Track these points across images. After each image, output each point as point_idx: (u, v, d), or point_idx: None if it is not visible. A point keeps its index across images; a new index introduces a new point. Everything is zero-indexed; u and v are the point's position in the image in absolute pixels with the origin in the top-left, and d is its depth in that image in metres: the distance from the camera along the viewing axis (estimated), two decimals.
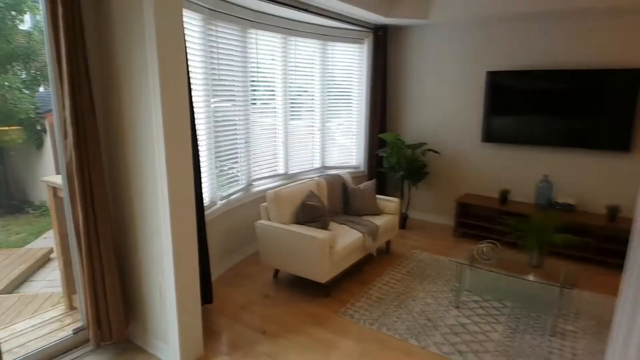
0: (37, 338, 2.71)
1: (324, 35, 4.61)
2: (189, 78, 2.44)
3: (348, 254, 3.39)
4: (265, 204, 3.46)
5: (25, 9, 6.85)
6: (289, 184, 3.69)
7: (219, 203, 3.63)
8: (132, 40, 2.20)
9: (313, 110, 4.81)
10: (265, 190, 3.81)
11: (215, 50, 3.44)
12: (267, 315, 3.06)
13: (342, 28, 4.68)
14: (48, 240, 5.79)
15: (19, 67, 7.12)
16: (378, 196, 4.16)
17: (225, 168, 3.80)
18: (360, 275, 3.69)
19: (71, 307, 3.01)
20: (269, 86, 4.25)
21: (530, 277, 2.89)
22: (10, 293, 4.12)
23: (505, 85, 4.47)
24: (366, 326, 2.91)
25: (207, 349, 2.63)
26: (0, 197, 7.33)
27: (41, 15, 2.27)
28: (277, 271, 3.64)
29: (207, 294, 2.95)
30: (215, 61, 3.47)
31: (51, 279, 4.57)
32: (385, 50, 5.06)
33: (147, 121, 2.25)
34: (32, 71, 7.30)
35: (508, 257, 3.16)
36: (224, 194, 3.73)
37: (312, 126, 4.85)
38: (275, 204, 3.36)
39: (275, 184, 4.35)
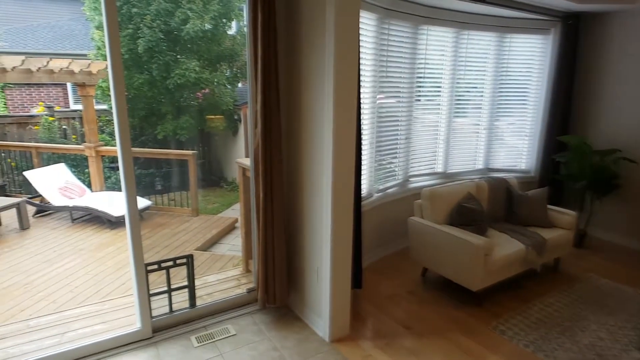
0: (220, 290, 3.32)
1: (502, 26, 4.28)
2: (359, 76, 2.61)
3: (506, 265, 3.15)
4: (419, 201, 3.46)
5: (233, 17, 8.19)
6: (446, 183, 3.60)
7: (375, 196, 3.77)
8: (314, 45, 2.47)
9: (480, 108, 4.54)
10: (421, 187, 3.79)
11: (385, 47, 3.56)
12: (412, 311, 3.09)
13: (524, 18, 4.26)
14: (235, 212, 6.92)
15: (225, 66, 8.60)
16: (549, 206, 3.71)
17: (384, 162, 3.92)
18: (518, 291, 3.39)
19: (247, 270, 3.58)
20: (435, 82, 4.19)
21: None
22: (204, 250, 5.10)
23: None
24: (520, 346, 2.68)
25: (353, 330, 2.81)
26: (204, 173, 9.04)
27: (244, 22, 2.72)
28: (425, 269, 3.61)
29: (357, 279, 3.13)
30: (385, 58, 3.58)
31: (234, 244, 5.47)
32: (575, 41, 4.41)
33: (319, 116, 2.50)
34: (234, 69, 8.73)
35: None
36: (381, 187, 3.86)
37: (478, 124, 4.59)
38: (430, 202, 3.33)
39: (432, 182, 4.29)
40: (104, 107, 8.86)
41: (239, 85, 8.94)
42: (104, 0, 2.19)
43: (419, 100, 4.11)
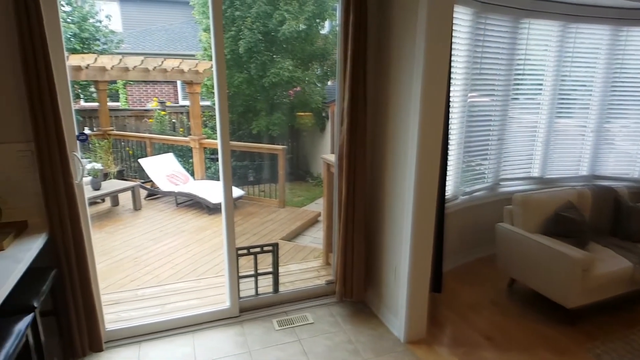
0: (301, 280, 3.48)
1: (618, 18, 3.81)
2: (449, 74, 2.54)
3: (608, 284, 2.84)
4: (510, 206, 3.26)
5: (326, 17, 8.41)
6: (542, 190, 3.34)
7: (461, 198, 3.64)
8: (403, 43, 2.47)
9: (588, 108, 4.10)
10: (512, 192, 3.56)
11: (480, 43, 3.40)
12: (494, 322, 2.94)
13: None
14: (318, 206, 7.14)
15: (316, 65, 8.88)
16: None
17: (473, 164, 3.75)
18: (621, 313, 3.04)
19: (327, 263, 3.70)
20: (536, 80, 3.89)
21: None
22: (289, 240, 5.36)
23: None
24: None
25: (429, 334, 2.77)
26: (292, 167, 9.44)
27: (337, 22, 2.81)
28: (512, 280, 3.40)
29: (437, 283, 3.06)
30: (479, 55, 3.43)
31: (316, 236, 5.66)
32: None
33: (405, 115, 2.50)
34: (324, 68, 8.97)
35: None
36: (468, 189, 3.71)
37: (584, 126, 4.16)
38: (522, 208, 3.13)
39: (526, 187, 4.00)
40: (208, 103, 9.68)
41: (329, 83, 9.16)
42: (211, 5, 2.43)
43: (517, 99, 3.85)
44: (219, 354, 2.55)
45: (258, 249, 3.10)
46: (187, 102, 9.45)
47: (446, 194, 3.08)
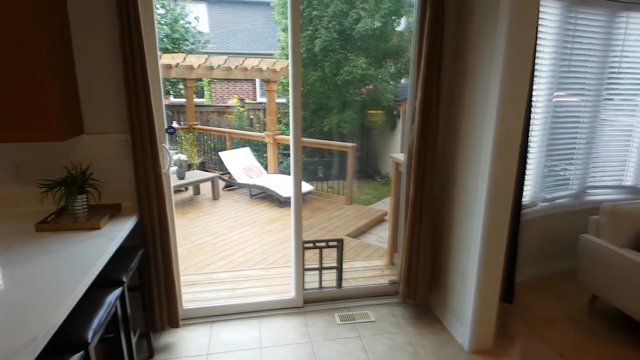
0: (364, 277, 3.50)
1: None
2: (532, 72, 2.39)
3: None
4: (597, 217, 2.99)
5: (403, 13, 8.28)
6: (635, 200, 3.01)
7: (540, 205, 3.40)
8: (482, 41, 2.37)
9: None
10: (600, 201, 3.25)
11: (570, 39, 3.14)
12: (572, 340, 2.72)
13: None
14: (385, 205, 7.08)
15: (389, 63, 8.79)
16: None
17: (557, 169, 3.49)
18: None
19: (391, 262, 3.68)
20: (634, 79, 3.50)
21: None
22: (354, 238, 5.39)
23: None
24: None
25: (497, 346, 2.64)
26: (361, 165, 9.46)
27: (413, 18, 2.77)
28: (595, 297, 3.11)
29: (508, 293, 2.91)
30: (568, 52, 3.17)
31: (381, 235, 5.63)
32: None
33: (481, 115, 2.40)
34: (398, 66, 8.85)
35: None
36: (548, 196, 3.46)
37: None
38: (611, 219, 2.85)
39: (617, 196, 3.62)
40: (283, 100, 10.03)
41: (402, 81, 9.02)
42: (290, 5, 2.53)
43: (610, 99, 3.50)
44: (283, 341, 2.67)
45: (324, 244, 3.17)
46: (264, 99, 9.88)
47: (523, 199, 2.90)
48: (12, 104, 1.96)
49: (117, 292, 1.93)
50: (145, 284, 2.49)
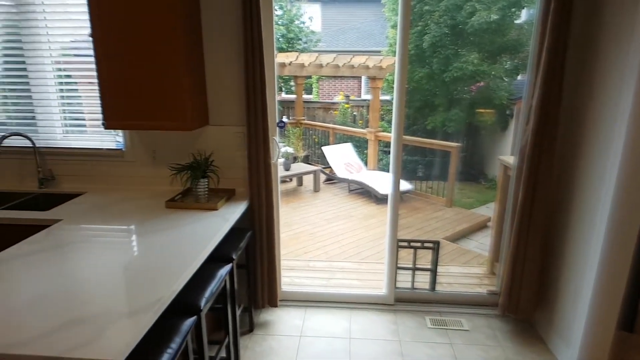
0: (460, 284, 3.37)
1: None
2: None
3: None
4: None
5: (524, 5, 7.63)
6: None
7: None
8: (617, 37, 2.11)
9: None
10: None
11: None
12: None
13: None
14: (489, 210, 6.66)
15: (505, 58, 8.18)
16: None
17: None
18: None
19: (491, 272, 3.48)
20: None
21: None
22: (452, 242, 5.18)
23: None
24: None
25: None
26: (464, 166, 8.99)
27: (535, 10, 2.56)
28: None
29: (628, 321, 2.55)
30: None
31: (483, 242, 5.32)
32: None
33: (611, 118, 2.14)
34: (515, 61, 8.19)
35: None
36: None
37: None
38: None
39: None
40: (387, 97, 9.98)
41: (518, 78, 8.32)
42: (401, 1, 2.53)
43: None
44: (372, 335, 2.72)
45: (419, 244, 3.13)
46: (368, 96, 9.94)
47: None
48: (158, 98, 2.31)
49: (228, 267, 2.16)
50: (251, 263, 2.74)
